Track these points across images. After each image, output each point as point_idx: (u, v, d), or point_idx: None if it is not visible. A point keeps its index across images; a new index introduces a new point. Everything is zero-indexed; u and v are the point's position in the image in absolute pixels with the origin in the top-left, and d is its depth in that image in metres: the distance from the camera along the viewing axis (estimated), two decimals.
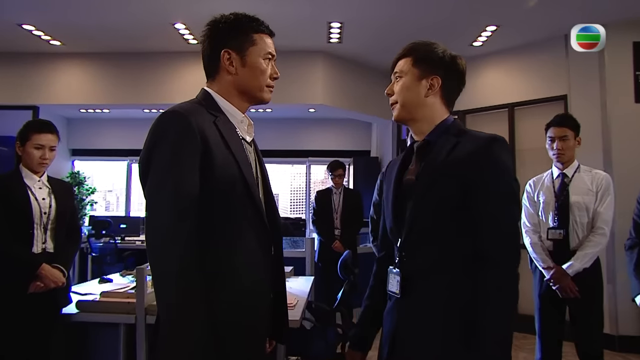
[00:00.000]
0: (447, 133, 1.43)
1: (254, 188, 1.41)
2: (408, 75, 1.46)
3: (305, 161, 9.42)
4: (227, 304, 1.32)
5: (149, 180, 1.29)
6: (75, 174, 8.65)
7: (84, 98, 6.37)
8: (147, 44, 5.90)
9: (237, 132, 1.45)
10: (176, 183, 1.26)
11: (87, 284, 3.39)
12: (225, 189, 1.34)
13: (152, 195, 1.28)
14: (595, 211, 2.77)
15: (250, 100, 1.51)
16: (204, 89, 1.49)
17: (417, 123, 1.48)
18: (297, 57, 5.96)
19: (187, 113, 1.32)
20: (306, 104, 6.43)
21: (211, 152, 1.31)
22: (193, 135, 1.29)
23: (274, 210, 1.54)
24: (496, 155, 1.33)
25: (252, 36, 1.47)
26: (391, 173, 1.57)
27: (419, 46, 1.49)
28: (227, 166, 1.35)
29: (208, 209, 1.31)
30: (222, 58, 1.45)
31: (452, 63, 1.47)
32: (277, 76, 1.52)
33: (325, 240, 4.99)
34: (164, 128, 1.31)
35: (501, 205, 1.32)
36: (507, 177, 1.34)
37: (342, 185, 5.20)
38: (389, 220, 1.50)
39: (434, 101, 1.46)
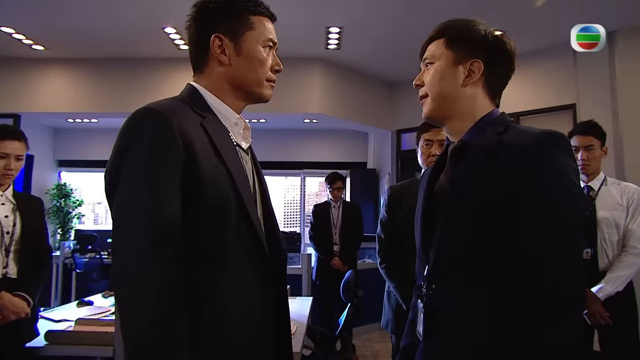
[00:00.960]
0: (489, 130, 1.13)
1: (252, 206, 1.13)
2: (441, 60, 1.18)
3: (300, 173, 9.17)
4: (214, 338, 1.05)
5: (117, 197, 1.01)
6: (62, 186, 8.39)
7: (70, 106, 6.06)
8: (136, 50, 5.62)
9: (230, 137, 1.18)
10: (152, 201, 0.98)
11: (62, 308, 3.08)
12: (214, 208, 1.06)
13: (121, 217, 1.00)
14: (627, 228, 2.51)
15: (247, 98, 1.23)
16: (189, 84, 1.21)
17: (453, 121, 1.19)
18: (293, 63, 5.70)
19: (166, 111, 1.04)
20: (302, 113, 6.17)
21: (197, 161, 1.04)
22: (173, 140, 1.01)
23: (275, 233, 1.25)
24: (550, 156, 1.02)
25: (249, 18, 1.19)
26: (423, 182, 1.30)
27: (453, 24, 1.20)
28: (218, 179, 1.07)
29: (192, 234, 1.03)
30: (212, 45, 1.16)
31: (497, 43, 1.17)
32: (279, 68, 1.24)
33: (324, 257, 4.70)
34: (137, 130, 1.03)
35: (557, 228, 1.00)
36: (566, 186, 1.02)
37: (341, 199, 4.92)
38: (417, 240, 1.23)
39: (475, 92, 1.17)
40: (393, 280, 2.35)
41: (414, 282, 1.47)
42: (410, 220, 2.39)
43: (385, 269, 2.40)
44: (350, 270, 3.25)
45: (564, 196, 1.01)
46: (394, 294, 2.37)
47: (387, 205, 2.48)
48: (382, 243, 2.46)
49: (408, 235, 2.41)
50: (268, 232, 1.22)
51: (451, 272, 1.10)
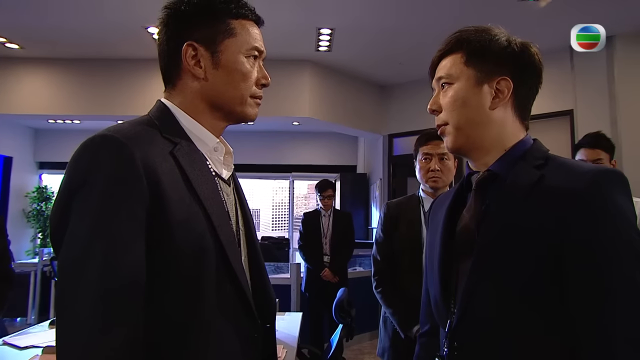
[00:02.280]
0: (524, 161, 0.94)
1: (234, 253, 0.93)
2: (461, 80, 0.97)
3: (289, 176, 8.99)
4: None
5: (64, 247, 0.80)
6: (43, 189, 8.14)
7: (48, 108, 5.80)
8: (117, 50, 5.40)
9: (207, 166, 0.97)
10: (108, 256, 0.77)
11: (32, 330, 2.81)
12: (188, 258, 0.85)
13: (68, 275, 0.79)
14: None
15: (228, 118, 1.02)
16: (160, 102, 1.00)
17: (480, 151, 0.99)
18: (282, 66, 5.51)
19: (127, 140, 0.83)
20: (291, 117, 5.97)
21: (165, 201, 0.83)
22: (135, 176, 0.81)
23: (263, 279, 1.05)
24: (611, 202, 0.82)
25: (229, 23, 0.98)
26: (436, 215, 1.10)
27: (470, 35, 0.99)
28: (192, 222, 0.86)
29: (160, 291, 0.83)
30: (184, 55, 0.96)
31: (524, 54, 0.97)
32: (266, 82, 1.04)
33: (314, 268, 4.51)
34: (90, 164, 0.82)
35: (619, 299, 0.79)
36: (629, 240, 0.81)
37: (331, 207, 4.73)
38: (435, 288, 1.02)
39: (504, 116, 0.97)
40: (390, 306, 2.17)
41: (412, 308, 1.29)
42: (408, 241, 2.24)
43: (382, 293, 2.21)
44: (343, 289, 3.07)
45: (628, 254, 0.81)
46: (390, 320, 2.19)
47: (383, 225, 2.29)
48: (378, 265, 2.27)
49: (405, 256, 2.25)
50: (254, 279, 1.03)
51: (480, 334, 0.91)
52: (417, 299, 1.16)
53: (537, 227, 0.85)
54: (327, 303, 4.37)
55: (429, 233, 1.14)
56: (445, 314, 0.98)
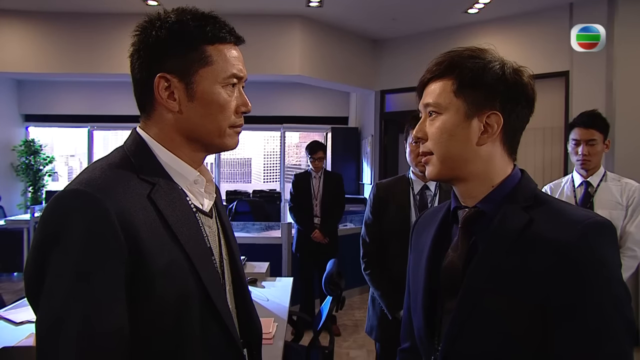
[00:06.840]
0: (513, 201, 0.91)
1: (218, 294, 0.92)
2: (450, 112, 0.92)
3: (280, 128, 8.90)
4: None
5: (40, 311, 0.78)
6: (30, 142, 7.99)
7: (25, 65, 5.60)
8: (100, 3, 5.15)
9: (188, 203, 0.94)
10: (87, 316, 0.76)
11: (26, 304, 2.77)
12: (171, 304, 0.84)
13: (46, 342, 0.77)
14: (625, 230, 2.37)
15: (207, 149, 0.98)
16: (136, 133, 0.95)
17: (465, 183, 0.96)
18: (272, 21, 5.32)
19: (100, 193, 0.80)
20: (281, 75, 5.82)
21: (144, 252, 0.81)
22: (111, 232, 0.78)
23: (247, 307, 1.05)
24: (600, 257, 0.82)
25: (203, 50, 0.91)
26: (420, 237, 1.08)
27: (464, 60, 0.93)
28: (173, 270, 0.84)
29: (143, 341, 0.82)
30: (156, 88, 0.90)
31: (517, 84, 0.92)
32: (246, 109, 0.98)
33: (304, 230, 4.55)
34: (63, 221, 0.78)
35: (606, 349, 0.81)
36: (616, 294, 0.82)
37: (322, 169, 4.71)
38: (418, 321, 1.02)
39: (491, 151, 0.93)
40: (378, 288, 2.20)
41: (399, 289, 1.31)
42: (396, 223, 2.24)
43: (370, 275, 2.24)
44: (333, 260, 3.09)
45: (612, 308, 0.81)
46: (378, 300, 2.23)
47: (372, 206, 2.28)
48: (366, 247, 2.28)
49: (394, 239, 2.26)
50: (239, 307, 1.03)
51: None
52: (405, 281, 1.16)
53: (524, 274, 0.84)
54: (317, 263, 4.45)
55: (412, 254, 1.12)
56: (429, 349, 0.98)
